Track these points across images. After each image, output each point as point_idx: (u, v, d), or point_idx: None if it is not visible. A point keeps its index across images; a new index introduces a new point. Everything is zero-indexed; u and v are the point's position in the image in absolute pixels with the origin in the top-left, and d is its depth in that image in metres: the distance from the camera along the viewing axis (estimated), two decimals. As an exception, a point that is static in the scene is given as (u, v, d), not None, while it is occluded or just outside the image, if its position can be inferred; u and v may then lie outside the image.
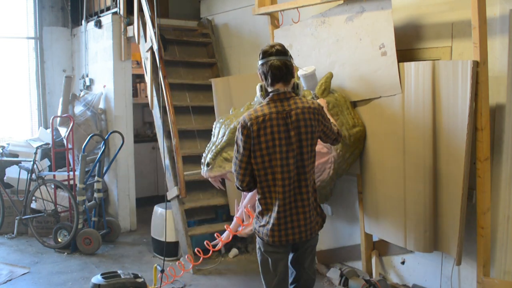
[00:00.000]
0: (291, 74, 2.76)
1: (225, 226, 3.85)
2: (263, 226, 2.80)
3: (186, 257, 4.45)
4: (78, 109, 5.93)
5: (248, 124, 2.68)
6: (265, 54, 2.75)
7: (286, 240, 2.77)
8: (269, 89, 2.78)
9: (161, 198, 5.03)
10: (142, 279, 3.94)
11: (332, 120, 3.09)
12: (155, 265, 4.04)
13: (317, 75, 4.01)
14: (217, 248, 3.92)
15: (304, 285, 3.01)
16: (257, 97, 3.98)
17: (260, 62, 2.78)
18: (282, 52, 2.73)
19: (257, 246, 2.96)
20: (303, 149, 2.71)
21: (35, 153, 5.49)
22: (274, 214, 2.74)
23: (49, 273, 4.63)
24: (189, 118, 5.40)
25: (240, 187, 2.81)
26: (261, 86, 2.83)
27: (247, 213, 3.65)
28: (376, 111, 3.76)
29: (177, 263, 4.35)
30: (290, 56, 2.79)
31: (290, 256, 2.97)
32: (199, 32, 6.15)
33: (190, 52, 5.98)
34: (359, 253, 4.27)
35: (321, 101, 3.48)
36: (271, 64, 2.70)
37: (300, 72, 3.46)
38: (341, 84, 3.92)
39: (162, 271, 3.99)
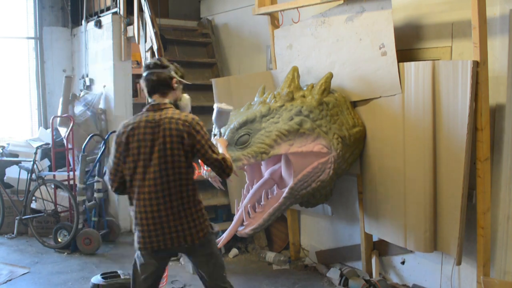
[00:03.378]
0: (166, 87, 2.82)
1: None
2: (135, 230, 2.89)
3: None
4: (78, 109, 5.93)
5: (121, 131, 2.80)
6: (144, 68, 2.88)
7: (151, 247, 2.85)
8: (149, 100, 2.88)
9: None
10: None
11: (221, 150, 3.06)
12: None
13: (317, 75, 4.01)
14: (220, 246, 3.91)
15: None
16: (257, 97, 3.99)
17: (144, 74, 2.88)
18: (159, 65, 2.84)
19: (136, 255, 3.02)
20: (169, 158, 2.71)
21: (35, 153, 5.49)
22: (139, 221, 2.81)
23: (49, 273, 4.63)
24: (189, 118, 5.39)
25: (112, 190, 2.93)
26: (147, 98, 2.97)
27: (245, 214, 3.66)
28: (376, 111, 3.76)
29: (180, 262, 4.35)
30: (170, 70, 2.84)
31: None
32: (199, 32, 6.15)
33: (190, 52, 5.98)
34: (359, 253, 4.27)
35: (222, 141, 3.37)
36: (145, 78, 2.83)
37: (216, 105, 3.38)
38: (341, 84, 3.92)
39: None
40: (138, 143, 2.73)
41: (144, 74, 2.85)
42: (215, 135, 3.55)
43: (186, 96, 3.03)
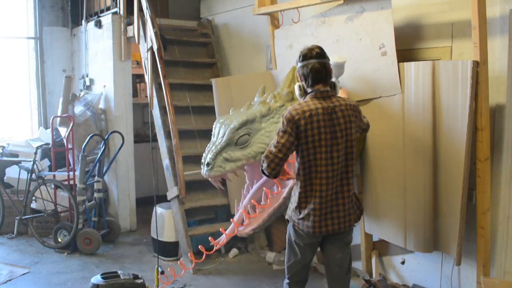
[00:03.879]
0: (330, 76, 2.93)
1: (221, 229, 3.86)
2: (302, 219, 2.92)
3: (188, 255, 4.44)
4: (78, 109, 5.93)
5: (296, 118, 2.80)
6: (306, 57, 2.88)
7: (326, 231, 2.92)
8: (309, 90, 2.93)
9: (161, 198, 5.03)
10: (142, 280, 3.93)
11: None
12: (156, 266, 4.03)
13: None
14: (213, 250, 3.92)
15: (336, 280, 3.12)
16: (257, 97, 3.98)
17: (300, 65, 2.91)
18: (321, 55, 2.89)
19: (287, 235, 3.09)
20: (348, 143, 2.87)
21: (35, 153, 5.48)
22: (314, 206, 2.87)
23: (49, 273, 4.63)
24: (189, 118, 5.40)
25: (267, 173, 2.90)
26: (299, 86, 2.98)
27: (245, 214, 3.65)
28: (376, 111, 3.76)
29: (178, 262, 4.35)
30: (328, 58, 2.93)
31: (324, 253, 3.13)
32: (199, 32, 6.15)
33: (190, 52, 5.98)
34: (359, 253, 4.27)
35: (343, 92, 3.58)
36: (312, 67, 2.84)
37: (333, 59, 3.49)
38: (341, 84, 3.92)
39: (162, 272, 3.98)
40: (318, 129, 2.80)
41: (305, 62, 2.85)
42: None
43: (337, 81, 3.15)
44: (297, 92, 2.99)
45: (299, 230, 2.98)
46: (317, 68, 2.83)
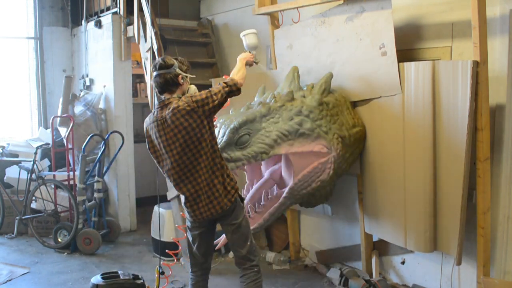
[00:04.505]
0: (174, 85, 3.06)
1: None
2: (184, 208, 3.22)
3: (185, 261, 4.43)
4: (78, 109, 5.93)
5: (146, 127, 3.12)
6: (153, 68, 3.11)
7: (200, 218, 3.13)
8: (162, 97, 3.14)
9: (161, 198, 5.02)
10: (142, 281, 3.92)
11: (233, 72, 3.31)
12: (157, 267, 4.02)
13: (317, 75, 4.01)
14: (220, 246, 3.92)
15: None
16: (257, 97, 3.99)
17: (153, 74, 3.12)
18: (164, 66, 3.05)
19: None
20: (188, 144, 2.97)
21: (35, 153, 5.48)
22: (185, 201, 3.14)
23: (49, 273, 4.63)
24: (189, 118, 5.39)
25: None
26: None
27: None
28: (376, 111, 3.76)
29: (180, 262, 4.34)
30: (175, 67, 3.05)
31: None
32: (199, 32, 6.14)
33: (190, 52, 5.98)
34: (359, 253, 4.27)
35: (244, 54, 3.55)
36: (154, 79, 3.09)
37: (241, 34, 3.65)
38: (341, 84, 3.92)
39: (162, 272, 3.97)
40: (157, 139, 3.03)
41: (154, 74, 3.08)
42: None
43: (192, 86, 3.25)
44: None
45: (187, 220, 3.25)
46: (157, 81, 3.05)
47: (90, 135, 5.43)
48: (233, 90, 3.14)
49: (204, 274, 3.35)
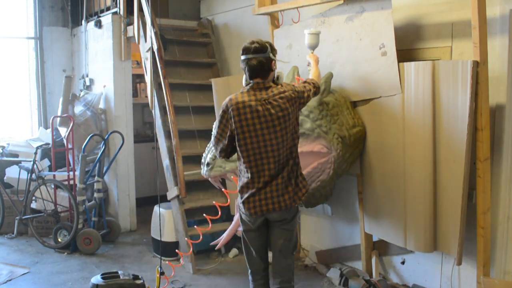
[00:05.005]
0: (268, 70, 2.98)
1: (213, 202, 3.96)
2: (242, 202, 3.05)
3: (188, 257, 4.44)
4: (78, 109, 5.93)
5: (229, 108, 2.95)
6: (244, 51, 2.99)
7: (260, 211, 3.00)
8: (250, 82, 3.03)
9: (161, 198, 5.02)
10: (142, 281, 3.92)
11: (314, 74, 3.37)
12: (157, 267, 4.02)
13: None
14: (220, 246, 3.92)
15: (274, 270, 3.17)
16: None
17: (241, 58, 3.01)
18: (259, 49, 2.96)
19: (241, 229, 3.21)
20: (282, 131, 2.94)
21: (35, 153, 5.48)
22: (252, 190, 3.00)
23: (49, 273, 4.63)
24: (189, 118, 5.40)
25: (220, 156, 3.13)
26: (245, 77, 3.09)
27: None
28: (376, 111, 3.76)
29: (180, 261, 4.34)
30: (270, 51, 2.99)
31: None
32: (199, 32, 6.15)
33: (190, 52, 5.98)
34: (359, 253, 4.27)
35: (312, 57, 3.56)
36: (247, 63, 2.96)
37: (305, 31, 3.60)
38: (341, 84, 3.92)
39: (162, 273, 3.97)
40: (252, 120, 2.91)
41: (244, 57, 2.96)
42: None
43: (281, 73, 3.16)
44: (244, 82, 3.09)
45: (242, 214, 3.09)
46: (252, 64, 2.93)
47: (90, 135, 5.43)
48: (317, 92, 3.21)
49: (265, 277, 3.21)
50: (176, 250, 4.20)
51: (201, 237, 4.25)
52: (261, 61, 2.93)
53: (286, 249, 3.09)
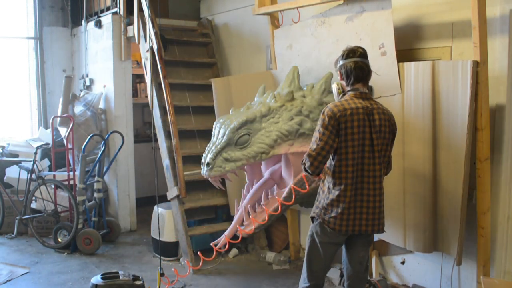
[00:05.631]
0: (370, 77, 2.96)
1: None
2: (335, 217, 2.88)
3: (185, 261, 4.42)
4: (78, 109, 5.93)
5: (337, 115, 2.81)
6: (350, 54, 2.91)
7: (352, 230, 2.89)
8: (349, 88, 2.95)
9: (161, 198, 5.02)
10: (141, 282, 3.90)
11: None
12: (159, 269, 4.00)
13: (317, 75, 4.01)
14: (220, 246, 3.88)
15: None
16: (257, 97, 3.98)
17: (343, 62, 2.92)
18: (365, 55, 2.93)
19: (310, 233, 3.07)
20: (382, 146, 2.89)
21: (35, 153, 5.48)
22: (345, 205, 2.85)
23: (49, 273, 4.63)
24: (189, 118, 5.40)
25: (310, 172, 2.89)
26: (338, 85, 3.03)
27: (245, 214, 3.65)
28: (376, 111, 3.75)
29: (186, 261, 4.32)
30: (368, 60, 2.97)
31: (345, 252, 3.10)
32: (199, 32, 6.15)
33: (190, 52, 5.98)
34: (359, 253, 4.26)
35: None
36: (356, 64, 2.87)
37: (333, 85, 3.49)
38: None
39: (162, 274, 3.95)
40: (358, 129, 2.82)
41: (350, 60, 2.88)
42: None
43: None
44: (334, 91, 3.02)
45: (328, 228, 2.93)
46: (361, 66, 2.87)
47: (90, 135, 5.43)
48: (389, 168, 3.10)
49: None
50: (211, 244, 4.05)
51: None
52: (368, 65, 2.90)
53: (366, 261, 3.07)
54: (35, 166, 5.41)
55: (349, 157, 2.82)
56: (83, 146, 5.31)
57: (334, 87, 3.04)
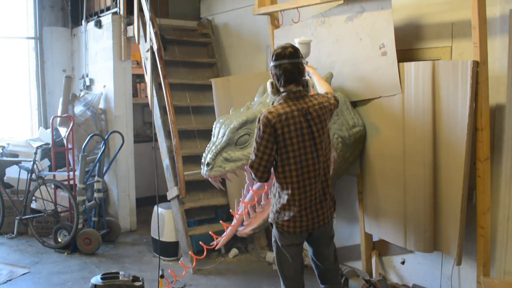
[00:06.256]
0: (302, 75, 2.90)
1: (221, 222, 3.88)
2: (288, 220, 2.90)
3: (189, 253, 4.42)
4: (78, 109, 5.93)
5: (272, 121, 2.78)
6: (278, 56, 2.85)
7: (306, 230, 2.93)
8: (281, 89, 2.91)
9: (161, 198, 5.02)
10: (141, 283, 3.88)
11: (324, 84, 3.30)
12: (159, 272, 3.97)
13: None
14: (214, 245, 3.90)
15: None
16: (257, 97, 3.99)
17: (272, 64, 2.88)
18: (294, 54, 2.85)
19: (273, 240, 3.06)
20: (322, 143, 2.88)
21: (35, 153, 5.48)
22: (296, 208, 2.87)
23: (49, 273, 4.63)
24: (189, 118, 5.40)
25: (257, 179, 2.90)
26: (271, 83, 2.95)
27: (245, 214, 3.65)
28: (376, 111, 3.76)
29: (179, 262, 4.33)
30: (301, 56, 2.90)
31: (310, 250, 3.15)
32: (199, 32, 6.15)
33: (190, 52, 5.98)
34: (359, 253, 4.27)
35: (310, 68, 3.46)
36: (284, 68, 2.82)
37: (295, 40, 3.51)
38: (341, 84, 3.92)
39: (162, 276, 3.94)
40: (296, 132, 2.79)
41: (278, 63, 2.83)
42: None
43: (310, 79, 3.13)
44: (269, 89, 2.96)
45: (284, 232, 2.94)
46: (289, 69, 2.81)
47: (90, 135, 5.43)
48: (336, 103, 3.08)
49: None
50: (200, 242, 4.08)
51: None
52: (297, 65, 2.84)
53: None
54: (35, 166, 5.41)
55: (291, 162, 2.82)
56: (83, 146, 5.31)
57: (268, 85, 2.96)
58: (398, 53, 3.53)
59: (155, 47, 4.84)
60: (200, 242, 3.94)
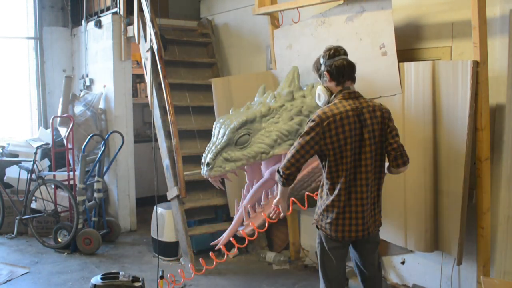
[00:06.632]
0: (355, 73, 2.88)
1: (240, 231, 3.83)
2: (329, 222, 2.84)
3: (189, 266, 4.41)
4: (78, 109, 5.93)
5: (325, 122, 2.72)
6: (335, 53, 2.84)
7: (349, 236, 2.84)
8: (337, 88, 2.84)
9: (161, 198, 5.03)
10: (141, 283, 3.87)
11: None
12: (157, 270, 3.97)
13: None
14: (220, 246, 3.88)
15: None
16: (257, 97, 3.98)
17: (330, 61, 2.83)
18: (347, 54, 2.89)
19: (318, 241, 3.00)
20: (372, 145, 2.78)
21: (35, 153, 5.48)
22: (339, 209, 2.80)
23: (49, 273, 4.63)
24: (189, 118, 5.40)
25: (282, 174, 2.81)
26: (324, 88, 2.88)
27: (247, 212, 3.65)
28: (376, 111, 3.75)
29: (180, 261, 4.32)
30: None
31: (355, 256, 3.04)
32: (199, 32, 6.15)
33: (190, 52, 5.98)
34: (359, 253, 4.26)
35: None
36: (341, 63, 2.81)
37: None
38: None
39: (162, 277, 3.94)
40: (350, 132, 2.72)
41: (336, 59, 2.80)
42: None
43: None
44: (323, 95, 2.87)
45: (327, 235, 2.89)
46: (347, 64, 2.80)
47: (90, 135, 5.43)
48: (405, 161, 2.92)
49: None
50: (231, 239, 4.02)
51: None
52: (351, 62, 2.82)
53: (378, 260, 3.04)
54: (35, 166, 5.41)
55: (343, 162, 2.75)
56: (83, 146, 5.31)
57: (321, 91, 2.86)
58: (398, 53, 3.53)
59: (155, 47, 4.84)
60: (211, 244, 3.89)
